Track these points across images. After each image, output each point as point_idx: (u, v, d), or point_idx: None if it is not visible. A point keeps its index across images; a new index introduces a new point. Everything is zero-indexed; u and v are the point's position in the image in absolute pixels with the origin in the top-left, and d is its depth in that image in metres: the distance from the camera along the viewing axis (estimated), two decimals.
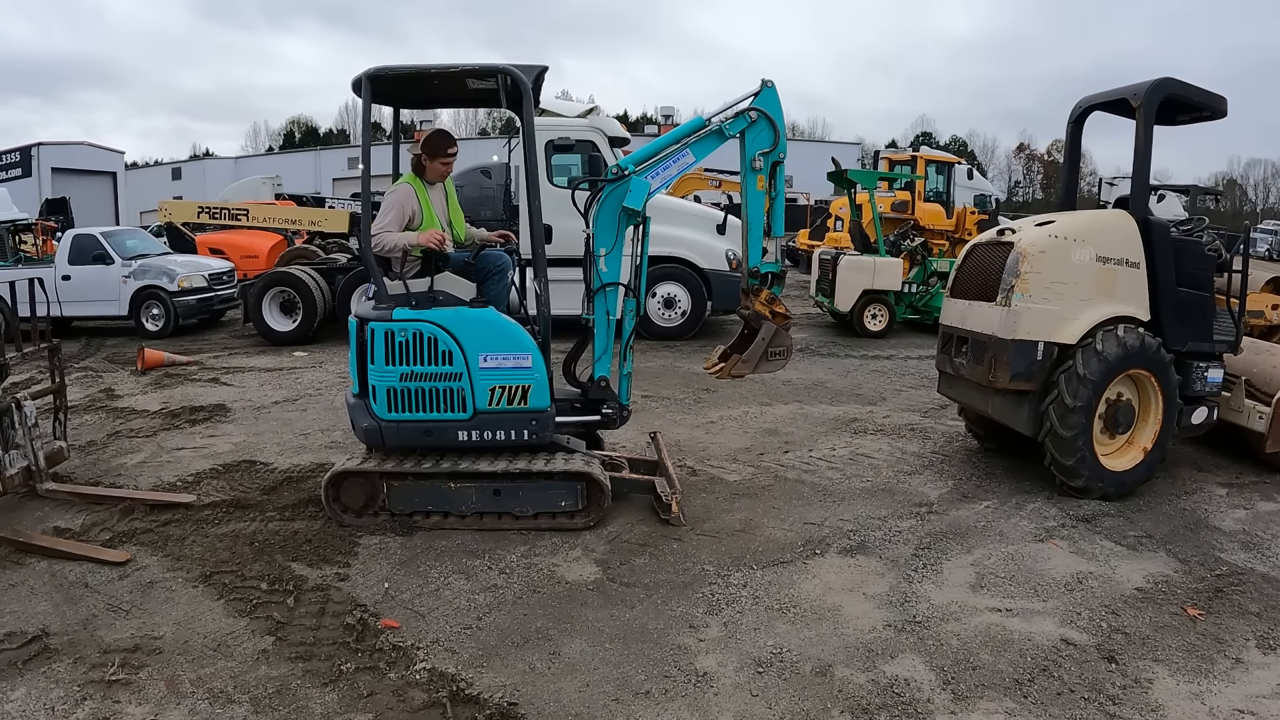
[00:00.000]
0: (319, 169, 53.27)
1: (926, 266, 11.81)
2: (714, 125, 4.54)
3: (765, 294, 4.66)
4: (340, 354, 10.01)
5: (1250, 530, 4.50)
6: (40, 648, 3.24)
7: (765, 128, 4.52)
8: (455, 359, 4.29)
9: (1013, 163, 73.76)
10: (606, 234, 4.44)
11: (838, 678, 3.07)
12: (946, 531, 4.43)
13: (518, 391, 4.35)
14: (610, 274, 4.47)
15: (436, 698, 2.93)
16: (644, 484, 4.74)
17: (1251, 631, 3.43)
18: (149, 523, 4.49)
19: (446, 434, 4.38)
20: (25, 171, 31.84)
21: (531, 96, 4.41)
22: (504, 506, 4.37)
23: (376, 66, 4.37)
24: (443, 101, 6.07)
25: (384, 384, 4.32)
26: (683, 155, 4.53)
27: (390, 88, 4.63)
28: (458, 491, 4.35)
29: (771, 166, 4.55)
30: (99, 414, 7.13)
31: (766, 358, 4.63)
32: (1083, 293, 4.79)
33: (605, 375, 4.62)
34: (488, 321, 4.34)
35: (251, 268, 14.52)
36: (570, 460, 4.41)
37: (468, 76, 4.52)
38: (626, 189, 4.36)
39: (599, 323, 4.56)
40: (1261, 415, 5.26)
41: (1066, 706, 2.90)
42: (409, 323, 4.29)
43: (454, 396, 4.33)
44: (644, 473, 4.93)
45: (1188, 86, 4.98)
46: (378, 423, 4.36)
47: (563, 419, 4.55)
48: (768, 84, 4.56)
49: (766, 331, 4.61)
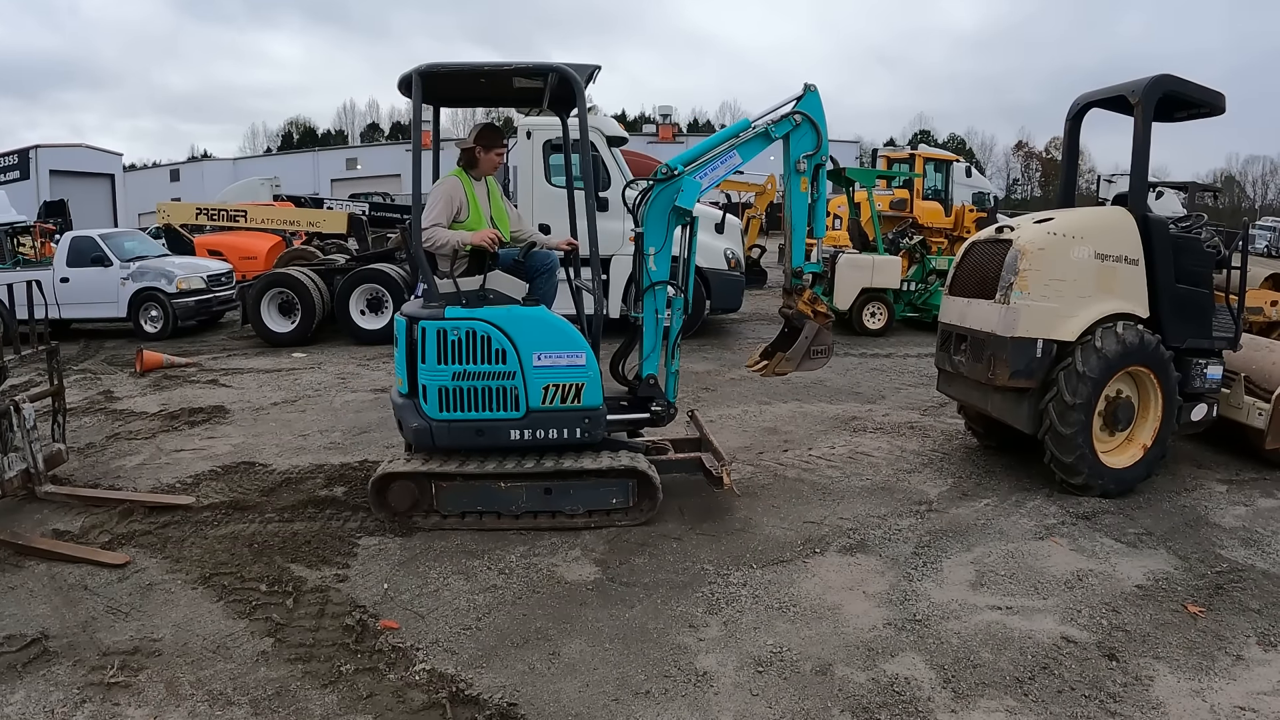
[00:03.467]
0: (317, 170, 53.22)
1: (925, 264, 11.82)
2: (760, 128, 4.60)
3: (808, 294, 4.73)
4: (338, 355, 10.00)
5: (1250, 527, 4.50)
6: (40, 650, 3.23)
7: (809, 131, 4.58)
8: (509, 358, 4.28)
9: (1011, 160, 73.83)
10: (656, 233, 4.47)
11: (838, 676, 3.07)
12: (946, 529, 4.43)
13: (571, 390, 4.34)
14: (659, 272, 4.50)
15: (436, 698, 2.93)
16: (691, 462, 4.80)
17: (1252, 628, 3.43)
18: (148, 525, 4.48)
19: (499, 433, 4.35)
20: (23, 174, 31.83)
21: (584, 96, 4.40)
22: (554, 505, 4.36)
23: (427, 64, 4.31)
24: (485, 100, 6.07)
25: (435, 383, 4.29)
26: (730, 156, 4.58)
27: (437, 86, 4.58)
28: (508, 491, 4.34)
29: (814, 169, 4.61)
30: (98, 416, 7.12)
31: (809, 356, 4.72)
32: (1082, 290, 4.79)
33: (654, 373, 4.63)
34: (542, 320, 4.34)
35: (250, 269, 14.50)
36: (619, 457, 4.41)
37: (518, 75, 4.50)
38: (678, 189, 4.40)
39: (648, 321, 4.57)
40: (1261, 412, 5.26)
41: (1067, 704, 2.90)
42: (462, 321, 4.26)
43: (507, 395, 4.31)
44: (688, 451, 4.99)
45: (1186, 83, 4.98)
46: (428, 423, 4.33)
47: (612, 417, 4.55)
48: (810, 88, 4.62)
49: (810, 330, 4.69)
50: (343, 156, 56.42)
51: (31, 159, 32.19)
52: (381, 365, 9.29)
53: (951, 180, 19.37)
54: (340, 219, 16.66)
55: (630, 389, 4.72)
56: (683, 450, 5.01)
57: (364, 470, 5.41)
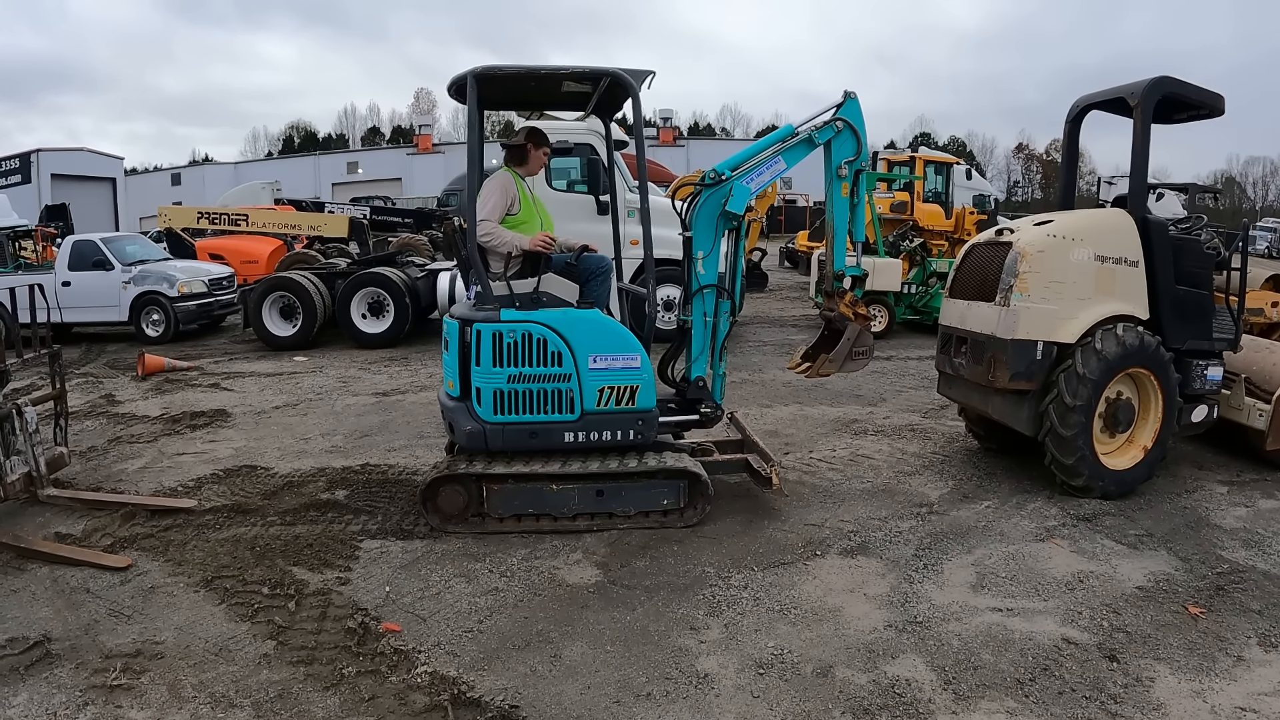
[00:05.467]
0: (318, 173, 53.35)
1: (926, 267, 11.82)
2: (803, 134, 4.66)
3: (850, 296, 4.79)
4: (339, 358, 10.02)
5: (1251, 528, 4.50)
6: (42, 653, 3.24)
7: (849, 137, 4.64)
8: (565, 360, 4.29)
9: (1011, 162, 73.94)
10: (704, 237, 4.51)
11: (839, 678, 3.07)
12: (947, 532, 4.43)
13: (626, 392, 4.36)
14: (708, 276, 4.54)
15: (438, 701, 2.93)
16: (738, 463, 4.85)
17: (1253, 629, 3.43)
18: (150, 528, 4.49)
19: (553, 435, 4.36)
20: (25, 178, 31.90)
21: (640, 101, 4.42)
22: (606, 507, 4.38)
23: (482, 66, 4.32)
24: (532, 104, 6.12)
25: (490, 386, 4.29)
26: (775, 162, 4.64)
27: (488, 89, 4.59)
28: (560, 493, 4.35)
29: (855, 174, 4.66)
30: (100, 420, 7.14)
31: (851, 357, 4.77)
32: (1082, 292, 4.80)
33: (702, 375, 4.66)
34: (597, 323, 4.36)
35: (251, 273, 14.53)
36: (671, 458, 4.43)
37: (570, 79, 4.53)
38: (728, 193, 4.45)
39: (696, 324, 4.61)
40: (1261, 413, 5.26)
41: (1068, 706, 2.90)
42: (518, 324, 4.27)
43: (562, 398, 4.32)
44: (731, 452, 5.02)
45: (1185, 85, 4.99)
46: (482, 425, 4.32)
47: (662, 419, 4.57)
48: (850, 95, 4.68)
49: (852, 332, 4.74)
50: (344, 160, 56.58)
51: (33, 163, 32.26)
52: (383, 369, 9.30)
53: (952, 183, 19.37)
54: (341, 223, 16.71)
55: (679, 391, 4.76)
56: (726, 451, 5.05)
57: (365, 474, 5.42)
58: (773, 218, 20.15)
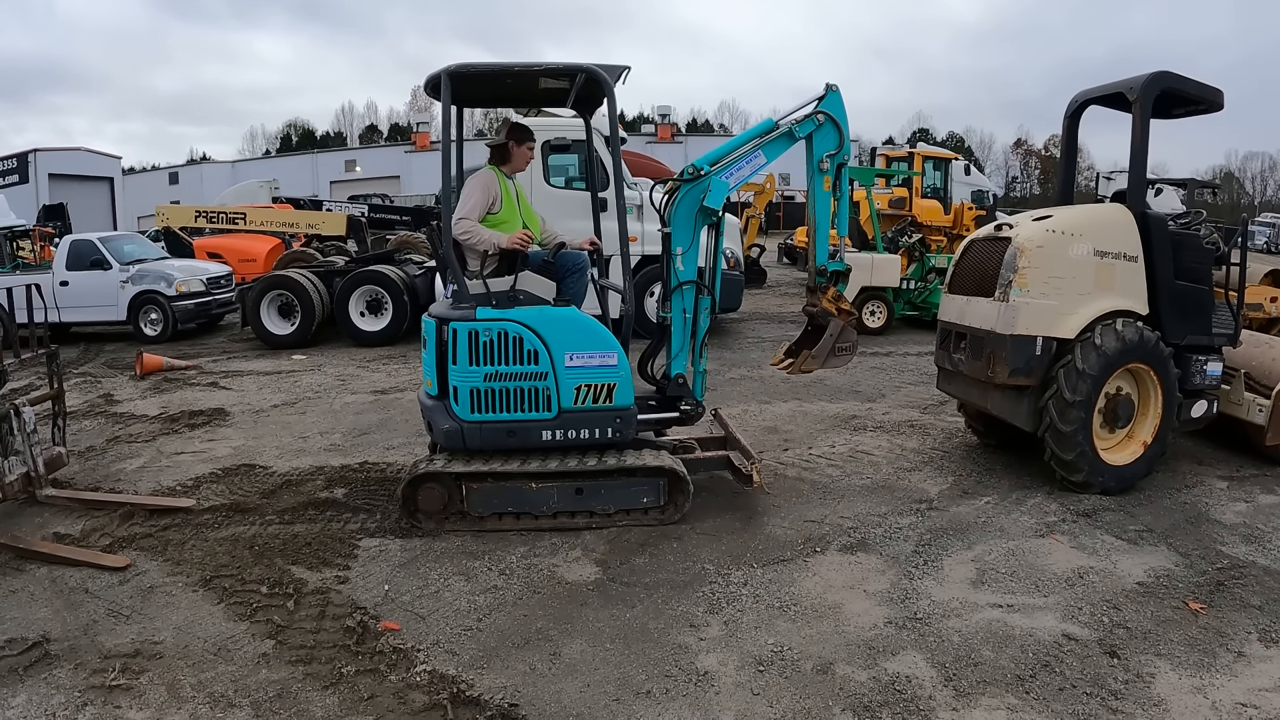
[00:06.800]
0: (316, 172, 53.23)
1: (924, 263, 11.81)
2: (784, 128, 4.61)
3: (832, 291, 4.75)
4: (337, 357, 10.00)
5: (1251, 523, 4.50)
6: (41, 653, 3.23)
7: (831, 130, 4.60)
8: (541, 358, 4.28)
9: (1010, 158, 73.88)
10: (683, 233, 4.48)
11: (839, 675, 3.07)
12: (947, 528, 4.43)
13: (603, 390, 4.34)
14: (687, 272, 4.51)
15: (437, 699, 2.93)
16: (719, 460, 4.84)
17: (1253, 625, 3.43)
18: (149, 528, 4.49)
19: (530, 434, 4.35)
20: (23, 178, 31.89)
21: (615, 96, 4.39)
22: (586, 505, 4.37)
23: (456, 64, 4.30)
24: (510, 101, 6.08)
25: (467, 384, 4.28)
26: (755, 156, 4.59)
27: (464, 86, 4.57)
28: (539, 492, 4.34)
29: (837, 168, 4.62)
30: (98, 419, 7.12)
31: (834, 353, 4.73)
32: (1081, 287, 4.79)
33: (682, 372, 4.64)
34: (573, 320, 4.34)
35: (249, 271, 14.50)
36: (650, 456, 4.41)
37: (546, 75, 4.51)
38: (705, 189, 4.42)
39: (675, 320, 4.58)
40: (1261, 408, 5.26)
41: (1068, 702, 2.90)
42: (493, 322, 4.26)
43: (539, 396, 4.31)
44: (714, 449, 5.01)
45: (1184, 80, 4.98)
46: (459, 424, 4.31)
47: (642, 416, 4.55)
48: (832, 88, 4.62)
49: (834, 328, 4.71)
50: (341, 158, 56.45)
51: (30, 162, 32.25)
52: (381, 367, 9.29)
53: (950, 178, 19.39)
54: (339, 221, 16.66)
55: (659, 388, 4.74)
56: (709, 449, 5.04)
57: (364, 472, 5.41)
58: (771, 214, 20.14)
